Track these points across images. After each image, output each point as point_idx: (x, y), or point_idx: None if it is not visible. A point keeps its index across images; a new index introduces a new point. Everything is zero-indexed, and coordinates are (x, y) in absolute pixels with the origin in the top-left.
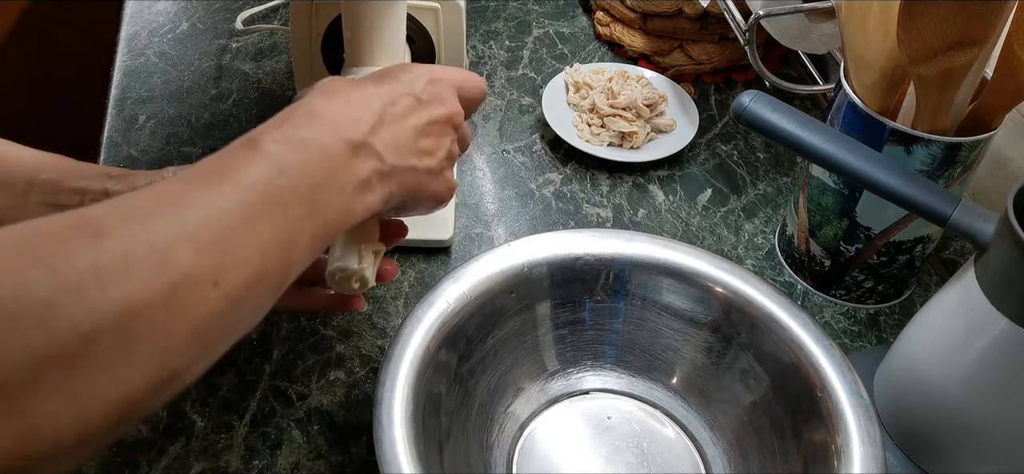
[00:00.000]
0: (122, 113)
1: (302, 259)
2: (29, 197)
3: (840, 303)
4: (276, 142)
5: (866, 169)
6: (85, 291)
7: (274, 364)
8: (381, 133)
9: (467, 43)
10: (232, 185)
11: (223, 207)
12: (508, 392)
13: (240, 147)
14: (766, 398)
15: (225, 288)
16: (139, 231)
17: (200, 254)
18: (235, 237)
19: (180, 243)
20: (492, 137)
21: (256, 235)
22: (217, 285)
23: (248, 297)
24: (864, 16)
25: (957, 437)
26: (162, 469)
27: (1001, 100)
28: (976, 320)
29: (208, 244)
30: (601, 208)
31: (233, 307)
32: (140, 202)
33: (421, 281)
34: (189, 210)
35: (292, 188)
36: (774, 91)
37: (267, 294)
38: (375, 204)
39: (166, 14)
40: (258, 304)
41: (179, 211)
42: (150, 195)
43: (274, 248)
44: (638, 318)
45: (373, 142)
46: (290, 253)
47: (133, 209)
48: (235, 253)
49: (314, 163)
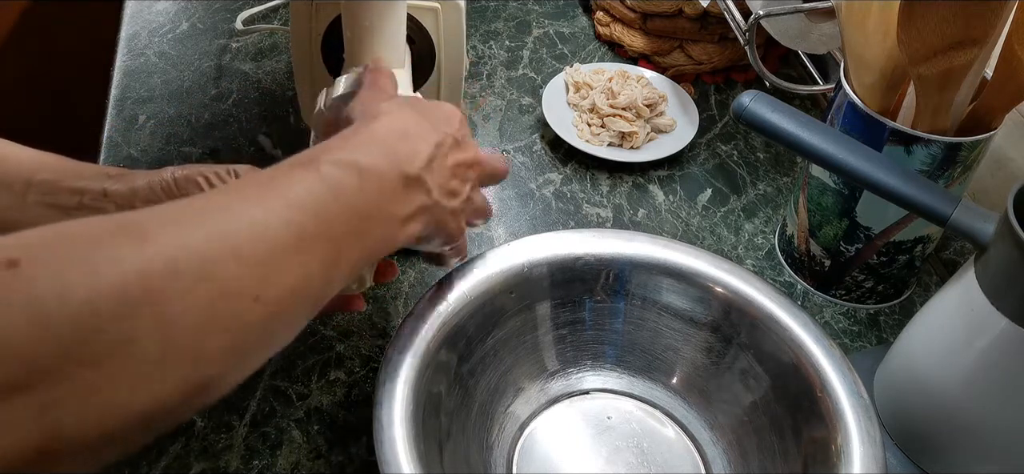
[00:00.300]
0: (122, 113)
1: (341, 281)
2: (27, 197)
3: (840, 303)
4: (334, 164)
5: (866, 169)
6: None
7: (274, 364)
8: (433, 169)
9: (467, 43)
10: (283, 201)
11: (271, 222)
12: (508, 392)
13: (296, 164)
14: (766, 398)
15: (265, 303)
16: (183, 238)
17: (244, 268)
18: (280, 255)
19: (224, 255)
20: (492, 137)
21: (301, 255)
22: (257, 300)
23: (287, 314)
24: (864, 16)
25: (957, 437)
26: (162, 469)
27: (1001, 100)
28: (976, 320)
29: (252, 258)
30: (601, 208)
31: (271, 323)
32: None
33: (421, 281)
34: (236, 222)
35: (342, 212)
36: (774, 91)
37: (305, 313)
38: (413, 236)
39: (166, 14)
40: (295, 321)
41: (226, 222)
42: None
43: (317, 269)
44: (638, 318)
45: (426, 178)
46: (331, 274)
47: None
48: (278, 270)
49: (369, 191)
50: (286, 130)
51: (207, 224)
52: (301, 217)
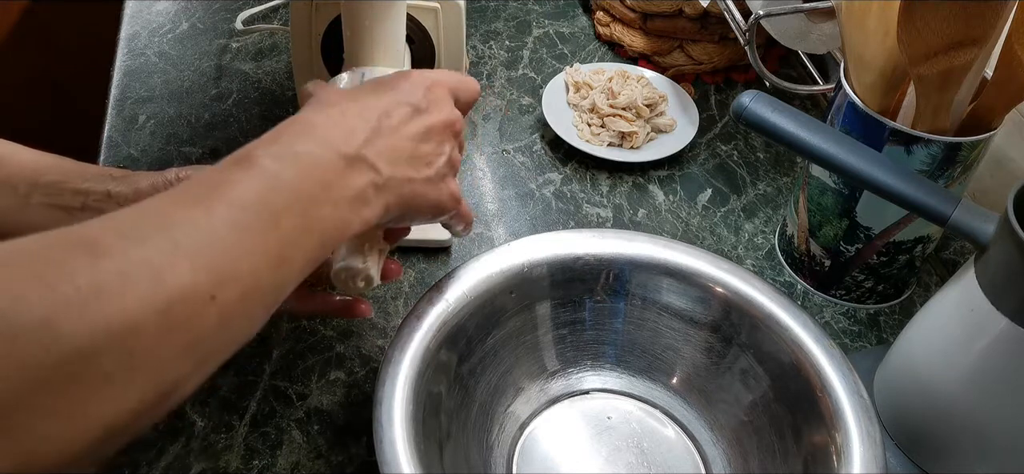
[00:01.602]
0: (122, 113)
1: (298, 273)
2: (31, 198)
3: (840, 303)
4: (270, 157)
5: (866, 169)
6: (84, 308)
7: (274, 364)
8: (376, 144)
9: (467, 43)
10: (225, 202)
11: (215, 224)
12: (508, 392)
13: (233, 163)
14: (766, 398)
15: (220, 303)
16: (136, 248)
17: (196, 271)
18: (228, 253)
19: (176, 260)
20: (492, 137)
21: (249, 251)
22: (213, 300)
23: (242, 312)
24: (864, 16)
25: (957, 437)
26: (162, 469)
27: (1001, 100)
28: (976, 320)
29: (203, 260)
30: (601, 208)
31: (227, 321)
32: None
33: (421, 281)
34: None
35: (285, 203)
36: (774, 91)
37: (261, 309)
38: (372, 217)
39: (166, 14)
40: (252, 318)
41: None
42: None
43: (266, 263)
44: (638, 318)
45: (368, 154)
46: (284, 268)
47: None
48: (229, 269)
49: (308, 177)
50: None
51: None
52: (244, 216)
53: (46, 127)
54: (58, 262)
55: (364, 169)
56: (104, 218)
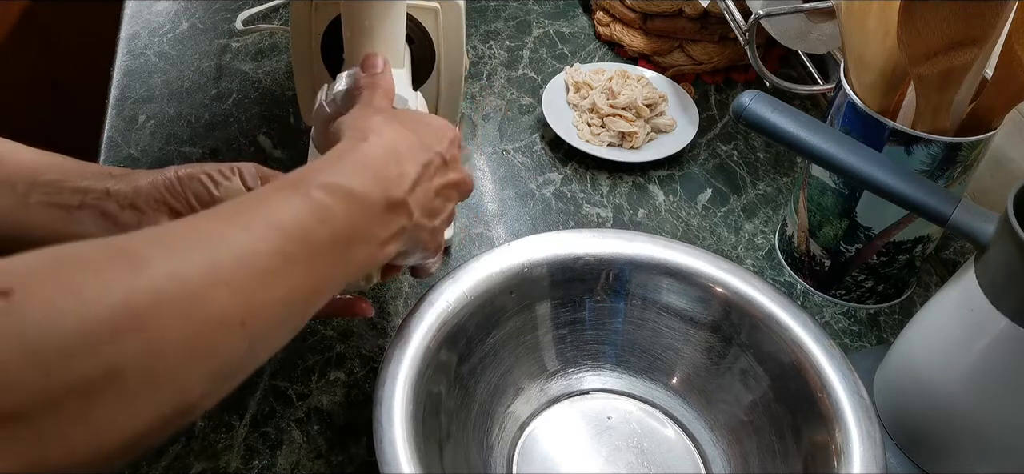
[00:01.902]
0: (122, 113)
1: (322, 302)
2: (30, 197)
3: (840, 303)
4: (322, 189)
5: (866, 169)
6: (115, 329)
7: (274, 364)
8: (417, 192)
9: (467, 43)
10: (271, 227)
11: (259, 249)
12: (508, 392)
13: (285, 186)
14: (766, 398)
15: (251, 328)
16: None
17: (231, 295)
18: (266, 281)
19: (214, 284)
20: (492, 137)
21: (285, 281)
22: (243, 325)
23: (270, 337)
24: (864, 16)
25: (957, 437)
26: (162, 469)
27: (1001, 100)
28: (976, 320)
29: (239, 286)
30: (601, 208)
31: (253, 347)
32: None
33: (421, 281)
34: (225, 249)
35: (329, 239)
36: (774, 91)
37: (287, 334)
38: (391, 255)
39: (166, 14)
40: (277, 344)
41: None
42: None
43: (301, 294)
44: (638, 318)
45: (410, 201)
46: (314, 299)
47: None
48: (264, 296)
49: (356, 216)
50: (286, 130)
51: (197, 251)
52: (287, 244)
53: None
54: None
55: (403, 214)
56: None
